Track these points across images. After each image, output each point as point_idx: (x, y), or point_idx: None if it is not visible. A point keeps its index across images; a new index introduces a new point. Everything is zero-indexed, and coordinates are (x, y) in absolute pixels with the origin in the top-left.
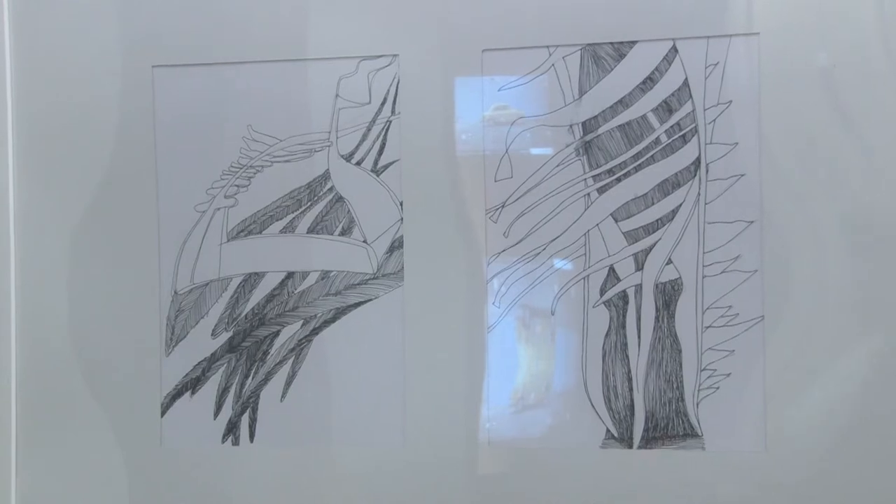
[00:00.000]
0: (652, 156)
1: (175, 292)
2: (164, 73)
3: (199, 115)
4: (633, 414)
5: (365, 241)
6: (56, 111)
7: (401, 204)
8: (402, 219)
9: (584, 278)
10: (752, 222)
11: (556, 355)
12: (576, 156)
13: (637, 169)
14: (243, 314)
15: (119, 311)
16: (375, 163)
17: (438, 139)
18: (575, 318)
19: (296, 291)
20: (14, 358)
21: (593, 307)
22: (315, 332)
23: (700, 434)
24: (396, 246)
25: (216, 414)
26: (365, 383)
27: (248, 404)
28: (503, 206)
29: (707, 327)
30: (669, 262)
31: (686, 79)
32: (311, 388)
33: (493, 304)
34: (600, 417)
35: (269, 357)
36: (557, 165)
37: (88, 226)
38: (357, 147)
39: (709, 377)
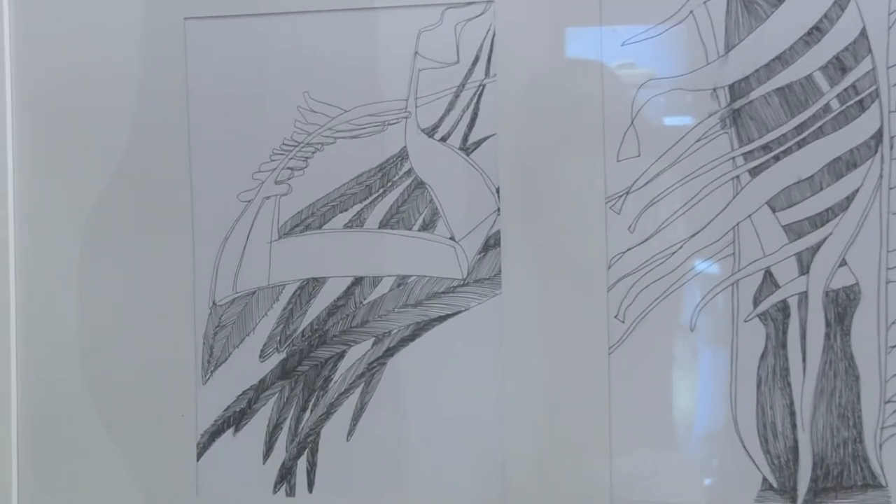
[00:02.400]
0: (820, 127)
1: (213, 303)
2: (198, 28)
3: (242, 80)
4: (797, 459)
5: (452, 238)
6: (65, 76)
7: (497, 191)
8: (498, 209)
9: (732, 285)
10: None
11: (699, 383)
12: (721, 128)
13: (800, 144)
14: (299, 331)
15: (143, 328)
16: (465, 139)
17: (545, 108)
18: (722, 335)
19: (365, 302)
20: (14, 388)
21: (745, 321)
22: (389, 353)
23: (884, 484)
24: (492, 244)
25: (266, 457)
26: (452, 418)
27: (306, 445)
28: (628, 193)
29: (893, 348)
30: (843, 263)
31: (863, 28)
32: (384, 425)
33: (617, 317)
34: (755, 463)
35: (331, 385)
36: (698, 140)
37: (104, 220)
38: (442, 119)
39: (895, 412)
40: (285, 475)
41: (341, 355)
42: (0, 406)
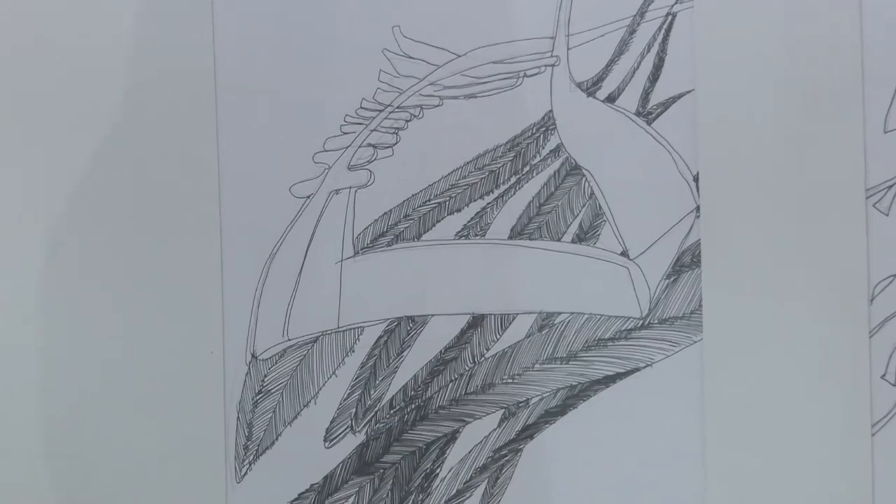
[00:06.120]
0: None
1: (252, 356)
2: None
3: (296, 10)
4: None
5: (624, 254)
6: (49, 26)
7: (695, 179)
8: (697, 209)
9: None
10: None
11: None
12: None
13: None
14: (385, 399)
15: (147, 395)
16: (645, 98)
17: (769, 50)
18: None
19: (488, 354)
20: None
21: None
22: (527, 434)
23: None
24: (687, 264)
25: None
26: None
27: None
28: None
29: None
30: None
31: None
32: None
33: (884, 377)
34: None
35: (436, 484)
36: None
37: (89, 226)
38: (608, 68)
39: None
40: None
41: (452, 438)
42: None
